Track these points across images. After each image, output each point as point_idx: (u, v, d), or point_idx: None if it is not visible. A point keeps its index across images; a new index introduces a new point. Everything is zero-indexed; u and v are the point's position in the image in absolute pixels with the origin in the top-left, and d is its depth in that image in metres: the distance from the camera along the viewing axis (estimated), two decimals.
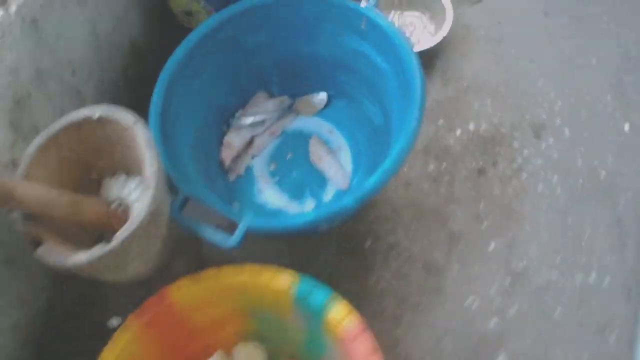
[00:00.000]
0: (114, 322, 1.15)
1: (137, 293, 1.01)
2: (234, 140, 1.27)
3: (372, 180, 0.94)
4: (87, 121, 0.92)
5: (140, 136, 0.89)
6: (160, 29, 1.45)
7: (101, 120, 0.92)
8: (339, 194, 1.22)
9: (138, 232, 0.83)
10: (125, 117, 0.91)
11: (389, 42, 1.07)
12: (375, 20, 1.09)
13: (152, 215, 0.85)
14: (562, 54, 1.42)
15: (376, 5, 1.10)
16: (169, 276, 1.07)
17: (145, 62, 1.41)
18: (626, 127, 1.30)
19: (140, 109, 1.05)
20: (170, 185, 0.98)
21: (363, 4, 1.12)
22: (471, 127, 1.32)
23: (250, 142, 1.30)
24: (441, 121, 1.33)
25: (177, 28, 1.40)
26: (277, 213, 1.21)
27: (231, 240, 0.92)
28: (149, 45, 1.43)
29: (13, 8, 0.97)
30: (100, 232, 0.98)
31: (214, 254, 1.12)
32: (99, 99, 1.25)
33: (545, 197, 1.22)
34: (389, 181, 0.96)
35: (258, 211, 1.22)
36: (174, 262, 1.08)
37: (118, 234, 0.82)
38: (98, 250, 0.81)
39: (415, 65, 1.02)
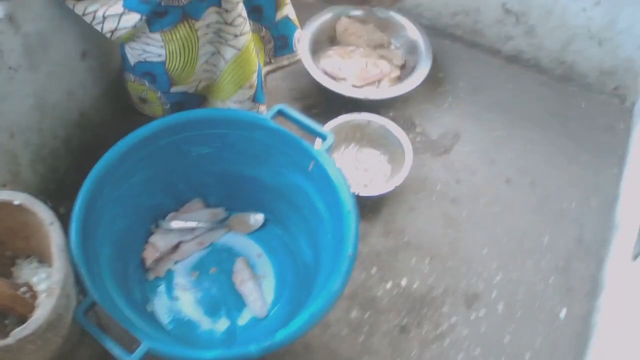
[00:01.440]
0: None
1: None
2: (159, 242, 1.47)
3: (282, 334, 1.12)
4: (6, 204, 1.11)
5: (54, 239, 1.07)
6: (115, 106, 1.67)
7: (20, 207, 1.11)
8: (254, 321, 1.42)
9: (33, 337, 0.99)
10: (43, 213, 1.10)
11: (332, 192, 1.29)
12: (323, 166, 1.31)
13: (51, 323, 1.02)
14: (514, 226, 1.66)
15: (329, 149, 1.32)
16: None
17: (94, 135, 1.63)
18: (562, 313, 1.53)
19: (78, 182, 1.24)
20: (81, 285, 1.14)
21: (317, 146, 1.33)
22: (403, 282, 1.53)
23: (176, 247, 1.50)
24: (374, 270, 1.55)
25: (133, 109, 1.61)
26: (188, 324, 1.41)
27: (130, 358, 1.07)
28: (100, 119, 1.65)
29: None
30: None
31: None
32: (35, 165, 1.45)
33: None
34: (300, 337, 1.14)
35: (171, 317, 1.41)
36: (77, 349, 1.24)
37: (13, 332, 0.98)
38: None
39: (352, 229, 1.23)
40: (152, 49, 1.35)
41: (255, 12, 1.51)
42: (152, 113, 1.54)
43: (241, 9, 1.37)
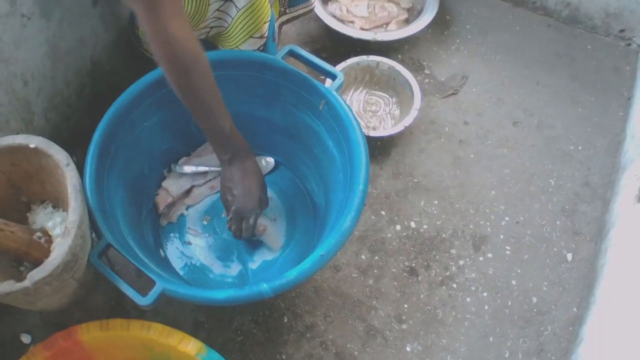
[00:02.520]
0: (23, 338, 1.31)
1: (51, 316, 1.18)
2: (172, 187, 1.47)
3: (293, 273, 1.12)
4: (22, 148, 1.11)
5: (69, 179, 1.08)
6: (127, 55, 1.65)
7: (36, 150, 1.10)
8: (266, 264, 1.42)
9: (50, 278, 1.00)
10: (58, 154, 1.10)
11: (343, 130, 1.29)
12: (334, 104, 1.30)
13: (67, 264, 1.03)
14: (522, 168, 1.66)
15: (339, 88, 1.30)
16: (86, 307, 1.25)
17: (105, 83, 1.61)
18: (569, 257, 1.53)
19: (90, 130, 1.24)
20: (95, 228, 1.15)
21: (328, 84, 1.31)
22: (412, 224, 1.53)
23: (188, 191, 1.49)
24: (383, 212, 1.55)
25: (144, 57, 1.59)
26: (201, 268, 1.41)
27: (144, 300, 1.08)
28: (111, 68, 1.63)
29: None
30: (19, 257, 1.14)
31: None
32: (48, 113, 1.44)
33: (471, 312, 1.44)
34: (311, 276, 1.14)
35: (183, 262, 1.42)
36: (92, 295, 1.25)
37: (30, 274, 0.99)
38: (8, 285, 0.99)
39: (363, 165, 1.22)
40: None
41: None
42: None
43: None
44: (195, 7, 1.35)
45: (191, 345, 1.09)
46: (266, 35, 1.45)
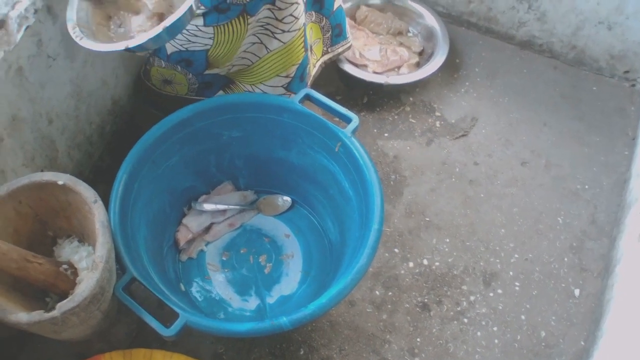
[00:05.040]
0: None
1: (73, 346, 1.21)
2: (192, 224, 1.49)
3: (312, 307, 1.13)
4: (50, 184, 1.13)
5: (97, 215, 1.10)
6: (148, 92, 1.66)
7: (64, 187, 1.13)
8: (283, 299, 1.44)
9: (78, 309, 1.03)
10: (86, 192, 1.12)
11: (358, 171, 1.31)
12: (349, 147, 1.33)
13: (94, 296, 1.05)
14: (530, 206, 1.67)
15: (354, 131, 1.32)
16: (107, 339, 1.27)
17: (125, 121, 1.65)
18: (576, 292, 1.54)
19: (111, 167, 1.26)
20: (120, 262, 1.17)
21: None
22: (425, 261, 1.55)
23: (207, 228, 1.52)
24: (397, 250, 1.56)
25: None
26: (220, 302, 1.43)
27: (168, 331, 1.10)
28: (131, 106, 1.67)
29: (0, 54, 1.16)
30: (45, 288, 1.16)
31: None
32: (70, 151, 1.47)
33: (481, 346, 1.45)
34: (328, 310, 1.16)
35: (203, 295, 1.44)
36: (115, 326, 1.27)
37: (59, 304, 1.01)
38: (38, 315, 1.01)
39: (378, 205, 1.25)
40: (200, 39, 1.37)
41: (317, 3, 1.55)
42: (173, 92, 1.54)
43: (294, 9, 1.39)
44: (224, 51, 1.39)
45: None
46: (292, 75, 1.49)
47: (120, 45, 1.10)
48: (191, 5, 1.10)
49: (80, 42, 1.09)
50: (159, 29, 1.08)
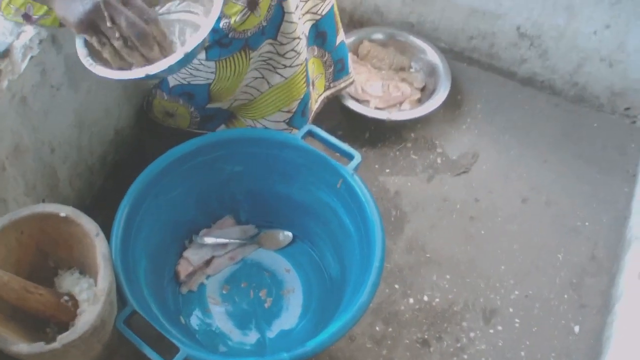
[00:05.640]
0: None
1: None
2: (193, 257, 1.49)
3: (312, 343, 1.13)
4: (52, 215, 1.14)
5: (99, 248, 1.11)
6: (149, 124, 1.67)
7: (66, 219, 1.14)
8: (283, 334, 1.44)
9: (79, 341, 1.03)
10: (88, 224, 1.13)
11: (359, 208, 1.31)
12: (351, 184, 1.33)
13: (95, 329, 1.05)
14: (530, 243, 1.67)
15: (356, 168, 1.33)
16: None
17: (127, 151, 1.66)
18: (576, 329, 1.53)
19: (112, 197, 1.28)
20: (121, 294, 1.17)
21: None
22: (425, 297, 1.55)
23: (208, 262, 1.52)
24: (397, 286, 1.56)
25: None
26: (220, 336, 1.43)
27: None
28: (133, 137, 1.67)
29: (4, 83, 1.17)
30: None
31: None
32: (72, 180, 1.48)
33: None
34: (329, 346, 1.16)
35: (203, 328, 1.44)
36: (114, 357, 1.26)
37: (60, 336, 1.01)
38: (39, 347, 1.01)
39: (379, 242, 1.25)
40: (202, 74, 1.38)
41: (320, 38, 1.55)
42: (175, 125, 1.55)
43: (296, 44, 1.40)
44: (226, 85, 1.40)
45: None
46: (294, 110, 1.50)
47: (139, 73, 1.06)
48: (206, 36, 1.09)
49: (95, 70, 1.06)
50: (179, 54, 1.05)
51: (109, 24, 1.00)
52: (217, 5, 1.09)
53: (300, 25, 1.41)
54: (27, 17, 1.20)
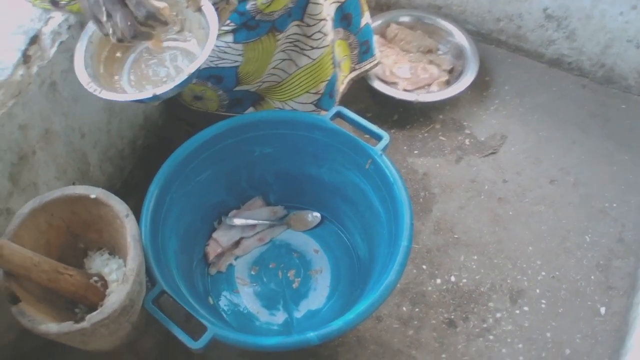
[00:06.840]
0: None
1: (100, 357, 1.22)
2: (221, 238, 1.50)
3: (339, 322, 1.12)
4: (82, 197, 1.14)
5: (129, 229, 1.11)
6: (178, 108, 1.67)
7: (96, 201, 1.14)
8: (311, 314, 1.44)
9: (107, 321, 1.03)
10: (118, 205, 1.13)
11: (388, 189, 1.30)
12: (380, 164, 1.32)
13: (124, 308, 1.05)
14: (558, 224, 1.66)
15: (385, 149, 1.32)
16: (135, 350, 1.28)
17: (157, 136, 1.66)
18: (602, 310, 1.52)
19: (142, 181, 1.28)
20: (150, 275, 1.17)
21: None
22: (452, 278, 1.54)
23: (237, 243, 1.52)
24: (425, 267, 1.56)
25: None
26: (247, 316, 1.43)
27: (196, 344, 1.10)
28: (163, 121, 1.68)
29: (34, 69, 1.17)
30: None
31: None
32: (102, 165, 1.48)
33: None
34: (356, 326, 1.15)
35: (231, 309, 1.44)
36: (143, 337, 1.27)
37: (89, 316, 1.01)
38: (67, 326, 1.01)
39: (407, 223, 1.24)
40: (230, 56, 1.37)
41: (345, 20, 1.54)
42: (204, 108, 1.54)
43: (322, 25, 1.40)
44: (254, 67, 1.39)
45: None
46: (322, 92, 1.49)
47: (147, 94, 1.06)
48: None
49: (101, 95, 1.06)
50: (186, 73, 1.06)
51: (105, 18, 1.01)
52: (213, 30, 1.09)
53: (326, 6, 1.40)
54: (54, 4, 1.20)
